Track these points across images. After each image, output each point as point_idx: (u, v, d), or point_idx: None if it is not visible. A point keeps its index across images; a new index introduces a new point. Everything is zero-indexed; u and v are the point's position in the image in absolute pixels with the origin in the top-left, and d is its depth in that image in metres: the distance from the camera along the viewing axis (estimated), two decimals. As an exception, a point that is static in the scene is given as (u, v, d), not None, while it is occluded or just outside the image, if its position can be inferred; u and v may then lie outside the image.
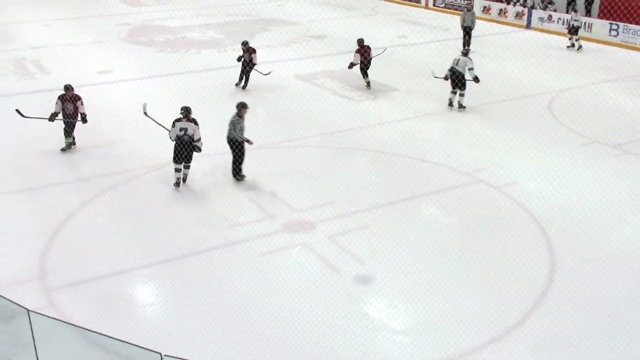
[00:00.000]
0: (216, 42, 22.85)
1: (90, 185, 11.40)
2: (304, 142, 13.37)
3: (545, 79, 17.75)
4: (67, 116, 12.63)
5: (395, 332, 7.63)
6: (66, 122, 12.66)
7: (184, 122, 11.07)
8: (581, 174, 11.52)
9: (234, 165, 11.53)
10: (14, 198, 11.02)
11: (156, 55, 21.01)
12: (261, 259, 9.08)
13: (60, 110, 12.64)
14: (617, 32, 22.08)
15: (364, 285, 8.50)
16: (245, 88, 16.82)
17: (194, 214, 10.35)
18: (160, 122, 11.94)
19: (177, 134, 11.09)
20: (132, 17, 27.63)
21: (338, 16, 27.85)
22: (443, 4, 29.08)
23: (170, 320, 7.85)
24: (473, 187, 11.28)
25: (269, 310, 7.93)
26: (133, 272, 8.85)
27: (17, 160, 12.49)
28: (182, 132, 11.06)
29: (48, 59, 19.90)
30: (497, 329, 7.56)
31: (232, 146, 11.42)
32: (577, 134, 13.60)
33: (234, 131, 11.29)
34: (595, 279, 8.47)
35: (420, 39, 23.21)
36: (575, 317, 7.71)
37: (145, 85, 17.36)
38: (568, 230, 9.68)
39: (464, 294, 8.23)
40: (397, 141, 13.24)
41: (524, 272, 8.65)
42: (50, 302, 8.12)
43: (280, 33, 24.19)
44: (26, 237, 9.60)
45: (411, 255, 9.08)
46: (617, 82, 17.74)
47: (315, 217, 10.15)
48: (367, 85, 17.06)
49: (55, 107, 12.62)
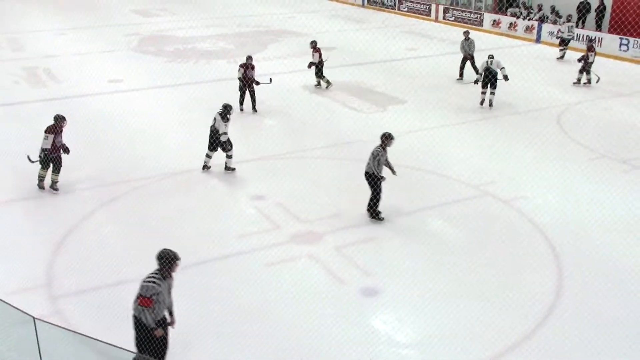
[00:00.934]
0: (226, 52, 22.96)
1: (97, 194, 11.44)
2: (312, 154, 13.37)
3: (555, 93, 17.72)
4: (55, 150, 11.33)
5: (401, 345, 7.58)
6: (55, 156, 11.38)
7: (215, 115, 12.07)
8: (590, 189, 11.45)
9: (371, 203, 10.27)
10: (22, 206, 11.07)
11: (166, 65, 21.13)
12: (267, 269, 9.06)
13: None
14: (627, 47, 22.04)
15: (370, 297, 8.46)
16: (255, 109, 16.05)
17: (201, 224, 10.35)
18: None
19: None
20: (143, 27, 27.83)
21: (348, 28, 27.95)
22: (453, 17, 29.13)
23: (174, 329, 7.83)
24: (481, 201, 11.24)
25: (275, 321, 7.90)
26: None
27: (26, 169, 12.54)
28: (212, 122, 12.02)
29: (59, 68, 20.07)
30: (504, 343, 7.50)
31: (371, 181, 10.17)
32: (586, 148, 13.54)
33: (373, 164, 10.07)
34: (603, 295, 8.40)
35: (430, 52, 23.24)
36: (582, 333, 7.63)
37: (155, 94, 17.45)
38: (576, 245, 9.62)
39: (471, 307, 8.18)
40: (405, 153, 13.21)
41: (532, 287, 8.60)
42: (56, 310, 8.12)
43: (290, 44, 24.28)
44: (33, 245, 9.63)
45: (418, 267, 9.05)
46: (627, 97, 17.68)
47: (322, 229, 10.13)
48: (327, 85, 17.81)
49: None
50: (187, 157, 12.90)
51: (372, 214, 10.36)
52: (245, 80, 15.84)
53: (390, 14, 32.21)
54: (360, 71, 20.11)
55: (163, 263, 6.51)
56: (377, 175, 10.07)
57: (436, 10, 30.00)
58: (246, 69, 15.79)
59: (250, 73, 15.84)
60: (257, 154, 13.17)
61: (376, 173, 10.06)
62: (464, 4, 30.35)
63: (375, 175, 10.09)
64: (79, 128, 14.44)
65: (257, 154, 13.14)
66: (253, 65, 15.94)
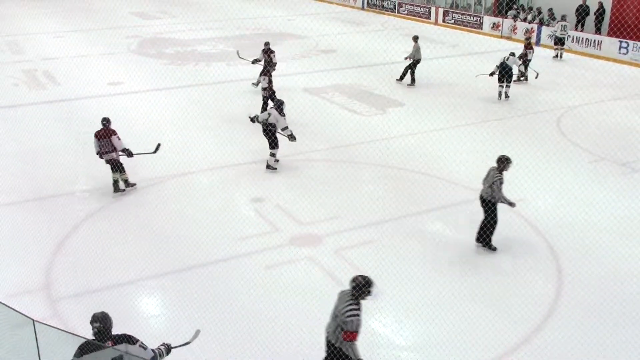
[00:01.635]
0: (226, 55, 22.97)
1: (97, 196, 11.45)
2: (311, 156, 13.38)
3: (554, 96, 17.73)
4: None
5: (400, 348, 7.58)
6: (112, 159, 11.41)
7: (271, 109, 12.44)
8: (589, 192, 11.46)
9: (484, 230, 9.46)
10: (22, 208, 11.07)
11: (166, 67, 21.15)
12: (267, 272, 9.06)
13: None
14: (626, 49, 22.08)
15: (369, 300, 8.43)
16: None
17: (201, 226, 10.35)
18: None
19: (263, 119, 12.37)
20: (143, 29, 27.86)
21: (347, 31, 27.98)
22: (452, 20, 29.18)
23: (174, 332, 7.82)
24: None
25: (275, 324, 7.90)
26: (138, 284, 8.85)
27: (27, 170, 12.56)
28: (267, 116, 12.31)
29: (59, 70, 20.08)
30: (504, 346, 7.50)
31: (485, 207, 9.38)
32: (585, 151, 13.55)
33: (491, 189, 9.18)
34: (603, 297, 8.40)
35: (429, 55, 23.24)
36: (582, 336, 7.63)
37: (155, 97, 17.46)
38: (576, 247, 9.62)
39: (470, 310, 8.17)
40: (404, 156, 13.24)
41: (531, 289, 8.60)
42: (55, 312, 8.12)
43: (289, 47, 24.30)
44: (33, 247, 9.62)
45: (418, 270, 9.04)
46: (626, 100, 17.70)
47: (322, 231, 10.14)
48: (256, 85, 17.82)
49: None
50: (186, 160, 12.92)
51: (485, 242, 9.57)
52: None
53: (389, 17, 32.25)
54: (359, 74, 20.13)
55: (360, 289, 6.14)
56: (493, 201, 9.26)
57: (436, 13, 30.05)
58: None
59: (263, 82, 16.04)
60: (256, 156, 13.17)
61: (502, 199, 9.18)
62: (464, 7, 30.40)
63: (491, 201, 9.26)
64: (79, 130, 14.46)
65: (257, 157, 13.14)
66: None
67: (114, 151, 11.35)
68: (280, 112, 12.36)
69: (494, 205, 9.30)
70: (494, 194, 9.16)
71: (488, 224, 9.41)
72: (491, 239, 9.51)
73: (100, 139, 11.27)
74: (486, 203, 9.34)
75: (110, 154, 11.34)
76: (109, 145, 11.27)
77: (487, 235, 9.48)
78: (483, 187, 9.37)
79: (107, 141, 11.25)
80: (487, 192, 9.27)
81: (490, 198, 9.24)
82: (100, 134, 11.27)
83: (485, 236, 9.50)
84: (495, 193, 9.12)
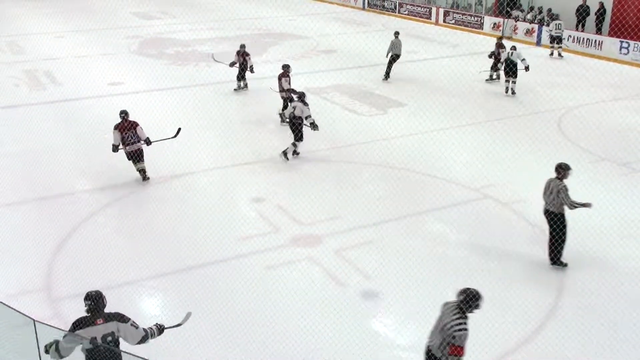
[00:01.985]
0: (227, 55, 22.94)
1: (98, 196, 11.45)
2: (312, 156, 13.37)
3: (555, 96, 17.72)
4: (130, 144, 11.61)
5: (401, 348, 7.58)
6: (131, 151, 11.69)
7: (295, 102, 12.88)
8: (590, 192, 11.40)
9: (554, 246, 8.97)
10: (23, 208, 11.08)
11: (166, 67, 21.15)
12: (267, 272, 9.06)
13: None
14: (627, 50, 22.06)
15: (370, 300, 8.46)
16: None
17: (201, 227, 10.34)
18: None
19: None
20: (143, 29, 27.87)
21: (348, 31, 27.98)
22: (453, 21, 29.17)
23: (175, 332, 7.82)
24: (481, 204, 11.23)
25: (275, 324, 7.90)
26: (138, 284, 8.85)
27: (28, 171, 12.56)
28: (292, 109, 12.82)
29: (59, 71, 20.09)
30: (504, 346, 7.50)
31: (555, 221, 8.85)
32: (586, 151, 13.54)
33: (557, 200, 8.71)
34: (603, 298, 8.39)
35: (430, 55, 23.27)
36: (582, 336, 7.63)
37: (155, 97, 17.45)
38: (576, 248, 9.60)
39: (471, 311, 8.16)
40: (405, 156, 13.23)
41: (532, 290, 8.59)
42: (56, 312, 8.13)
43: (290, 47, 24.30)
44: (33, 247, 9.62)
45: (418, 270, 9.04)
46: (627, 100, 17.69)
47: (322, 232, 10.13)
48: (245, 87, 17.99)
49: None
50: (187, 160, 12.91)
51: (555, 258, 9.04)
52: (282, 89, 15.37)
53: (390, 17, 32.23)
54: (360, 74, 20.13)
55: (469, 302, 6.10)
56: (562, 212, 8.79)
57: (436, 14, 30.05)
58: (280, 78, 15.28)
59: (285, 83, 15.28)
60: (257, 156, 13.17)
61: (574, 204, 8.65)
62: (465, 7, 30.39)
63: (560, 213, 8.79)
64: (79, 130, 14.47)
65: (258, 157, 13.15)
66: (286, 73, 15.26)
67: (139, 141, 11.57)
68: (304, 103, 12.80)
69: (562, 217, 8.82)
70: (562, 204, 8.71)
71: (559, 239, 8.89)
72: (562, 254, 9.01)
73: (123, 131, 11.45)
74: (554, 216, 8.81)
75: (137, 144, 11.57)
76: (135, 136, 11.50)
77: (558, 252, 8.96)
78: (546, 201, 8.90)
79: (133, 132, 11.48)
80: (553, 203, 8.78)
81: (558, 210, 8.77)
82: (123, 126, 11.46)
83: (557, 251, 8.96)
84: (565, 201, 8.65)
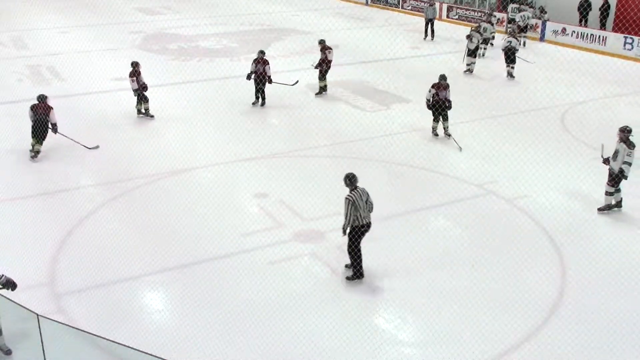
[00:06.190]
0: (230, 50, 22.96)
1: (101, 191, 11.48)
2: (315, 152, 13.37)
3: (558, 92, 17.67)
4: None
5: (403, 343, 7.59)
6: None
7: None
8: (593, 188, 11.43)
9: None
10: (27, 203, 11.09)
11: (170, 63, 21.14)
12: (270, 267, 9.08)
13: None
14: (631, 45, 21.98)
15: (373, 296, 8.47)
16: (264, 105, 16.26)
17: (204, 222, 10.36)
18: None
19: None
20: (147, 25, 27.85)
21: (351, 27, 27.93)
22: (457, 16, 29.09)
23: (178, 327, 7.85)
24: (484, 200, 11.23)
25: (278, 319, 7.92)
26: (142, 279, 8.87)
27: (31, 166, 12.60)
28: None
29: (63, 66, 20.08)
30: (507, 342, 7.50)
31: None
32: (589, 147, 13.50)
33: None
34: (607, 294, 8.39)
35: (433, 51, 23.22)
36: (585, 333, 7.62)
37: (159, 92, 17.40)
38: (579, 244, 9.61)
39: (474, 306, 8.17)
40: (408, 152, 13.22)
41: (535, 286, 8.59)
42: (59, 307, 8.15)
43: (294, 43, 24.27)
44: (36, 242, 9.64)
45: (421, 266, 9.05)
46: (631, 96, 17.64)
47: (325, 227, 10.13)
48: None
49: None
50: (190, 155, 12.92)
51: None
52: (257, 75, 15.92)
53: (394, 12, 32.16)
54: (363, 70, 20.10)
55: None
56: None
57: (440, 9, 29.95)
58: (257, 63, 15.86)
59: (261, 68, 15.85)
60: (260, 152, 13.18)
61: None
62: (468, 2, 30.29)
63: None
64: (83, 125, 14.48)
65: (261, 152, 13.15)
66: (265, 60, 15.89)
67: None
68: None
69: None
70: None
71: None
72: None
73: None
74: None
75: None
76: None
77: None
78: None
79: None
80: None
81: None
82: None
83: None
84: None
